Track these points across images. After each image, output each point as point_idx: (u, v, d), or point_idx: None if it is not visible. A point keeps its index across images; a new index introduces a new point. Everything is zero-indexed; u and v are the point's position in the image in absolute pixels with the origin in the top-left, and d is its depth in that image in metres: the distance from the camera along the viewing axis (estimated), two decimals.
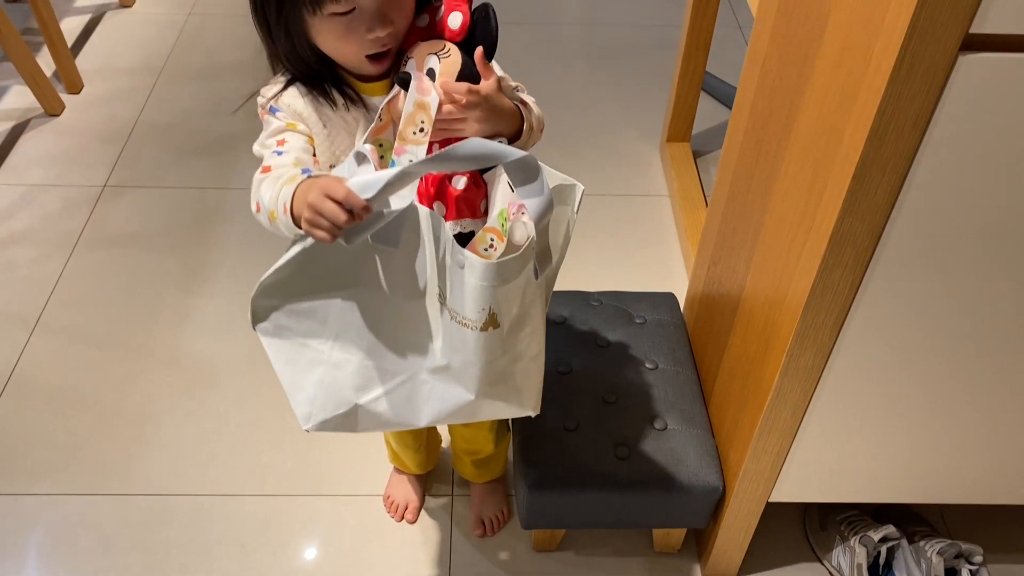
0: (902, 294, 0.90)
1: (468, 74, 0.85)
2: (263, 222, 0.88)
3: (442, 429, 1.43)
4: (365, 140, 0.85)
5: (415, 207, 0.82)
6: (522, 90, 0.95)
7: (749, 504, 1.17)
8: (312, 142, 0.91)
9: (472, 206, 0.92)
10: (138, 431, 1.49)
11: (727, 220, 1.22)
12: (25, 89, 2.10)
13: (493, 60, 0.88)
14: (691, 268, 1.60)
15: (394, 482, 1.39)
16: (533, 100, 0.93)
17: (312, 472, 1.44)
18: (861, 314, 0.91)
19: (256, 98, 0.94)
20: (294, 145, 0.90)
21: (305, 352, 0.91)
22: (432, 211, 0.82)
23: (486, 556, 1.34)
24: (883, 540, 1.23)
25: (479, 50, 0.84)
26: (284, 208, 0.82)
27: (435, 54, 0.85)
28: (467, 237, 0.91)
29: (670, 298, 1.40)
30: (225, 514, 1.38)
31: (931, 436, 1.07)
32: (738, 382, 1.13)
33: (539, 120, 0.93)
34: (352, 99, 0.90)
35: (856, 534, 1.26)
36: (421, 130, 0.82)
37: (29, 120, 2.11)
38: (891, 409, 1.03)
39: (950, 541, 1.20)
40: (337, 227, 0.76)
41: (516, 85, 0.95)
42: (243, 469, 1.44)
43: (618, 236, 1.86)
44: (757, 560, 1.31)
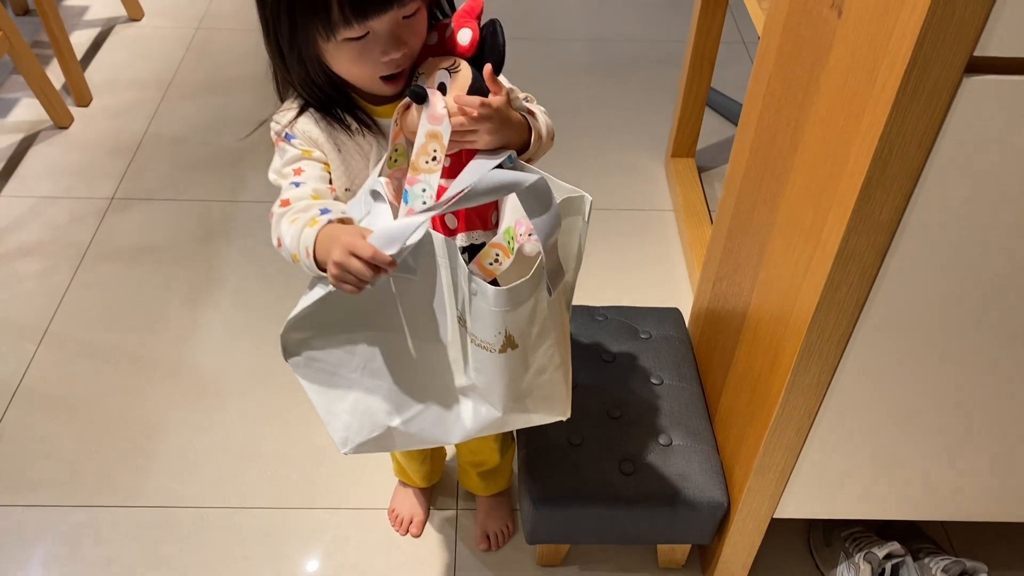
0: (907, 312, 0.90)
1: (478, 88, 0.86)
2: (284, 257, 0.89)
3: None
4: (380, 172, 0.86)
5: (430, 235, 0.84)
6: (531, 100, 0.96)
7: (754, 520, 1.17)
8: (328, 168, 0.92)
9: (483, 218, 0.93)
10: (143, 443, 1.49)
11: (732, 237, 1.23)
12: (35, 101, 2.12)
13: (501, 74, 0.89)
14: (696, 283, 1.60)
15: (399, 495, 1.40)
16: (542, 109, 0.94)
17: (317, 485, 1.44)
18: (866, 332, 0.92)
19: (269, 123, 0.94)
20: (311, 175, 0.90)
21: (337, 380, 0.94)
22: (447, 238, 0.84)
23: (490, 570, 1.34)
24: (888, 557, 1.23)
25: (488, 66, 0.85)
26: (307, 252, 0.84)
27: (446, 69, 0.86)
28: (479, 249, 0.92)
29: (675, 313, 1.40)
30: (229, 527, 1.38)
31: (936, 453, 1.07)
32: (743, 398, 1.14)
33: (548, 129, 0.93)
34: (365, 123, 0.91)
35: (861, 551, 1.25)
36: (434, 159, 0.83)
37: (38, 132, 2.13)
38: (896, 426, 1.03)
39: (955, 558, 1.20)
40: (364, 283, 0.79)
41: (526, 96, 0.96)
42: (247, 482, 1.44)
43: (623, 251, 1.86)
44: None
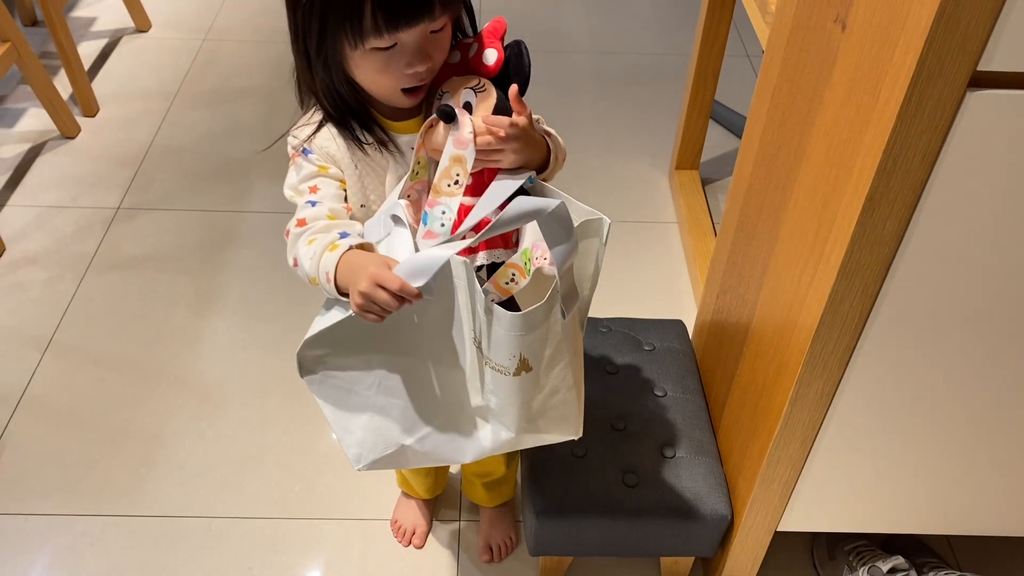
0: (911, 325, 0.90)
1: (502, 108, 0.87)
2: (301, 277, 0.90)
3: None
4: (400, 195, 0.87)
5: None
6: (543, 122, 0.97)
7: (757, 533, 1.17)
8: (344, 185, 0.93)
9: (505, 237, 0.94)
10: (147, 453, 1.49)
11: (736, 249, 1.23)
12: (42, 111, 2.13)
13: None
14: (699, 295, 1.61)
15: (402, 506, 1.40)
16: (554, 132, 0.95)
17: (320, 496, 1.44)
18: (870, 344, 0.92)
19: (287, 137, 0.95)
20: (327, 193, 0.91)
21: (352, 398, 0.94)
22: (465, 260, 0.84)
23: None
24: (892, 571, 1.22)
25: (514, 87, 0.85)
26: (327, 278, 0.85)
27: (472, 88, 0.87)
28: (498, 267, 0.93)
29: (679, 325, 1.40)
30: (233, 537, 1.38)
31: (940, 467, 1.07)
32: (747, 411, 1.14)
33: (563, 151, 0.95)
34: (382, 139, 0.92)
35: (864, 564, 1.25)
36: (456, 182, 0.84)
37: (45, 142, 2.14)
38: (900, 439, 1.03)
39: (959, 572, 1.19)
40: (388, 313, 0.81)
41: (537, 118, 0.96)
42: (252, 492, 1.44)
43: (627, 262, 1.86)
44: None
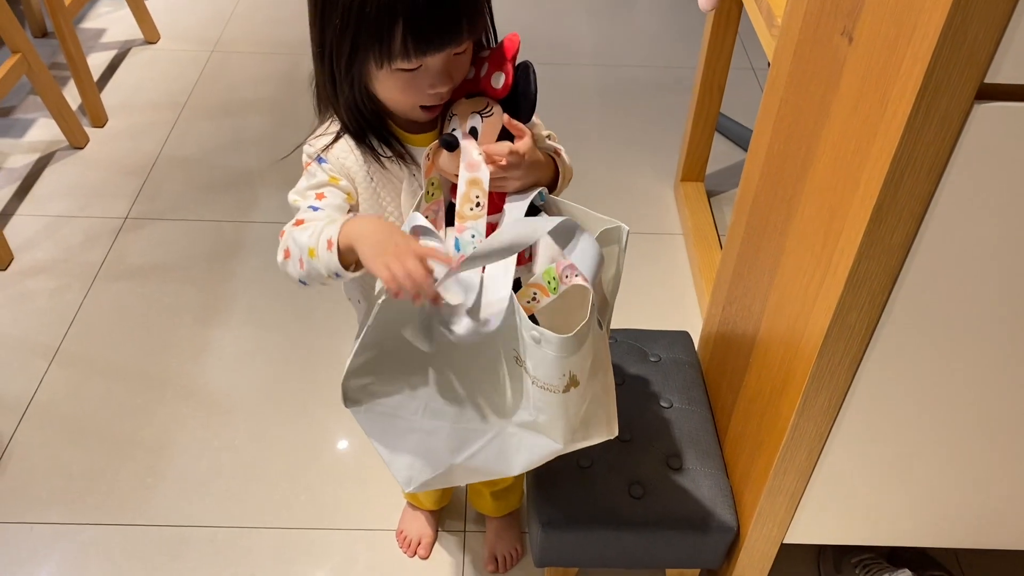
0: (918, 336, 0.90)
1: (508, 132, 0.88)
2: (291, 270, 0.90)
3: None
4: (417, 207, 0.88)
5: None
6: (553, 138, 0.98)
7: (763, 545, 1.17)
8: (351, 199, 0.93)
9: (519, 253, 0.94)
10: (153, 462, 1.50)
11: (742, 260, 1.23)
12: (51, 122, 2.15)
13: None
14: (705, 306, 1.61)
15: (408, 517, 1.40)
16: (562, 148, 0.97)
17: (326, 506, 1.44)
18: (877, 356, 0.92)
19: (303, 147, 0.95)
20: (331, 202, 0.91)
21: (397, 423, 0.95)
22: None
23: None
24: None
25: (505, 116, 0.87)
26: (328, 244, 0.84)
27: (478, 112, 0.88)
28: (516, 284, 0.93)
29: (684, 336, 1.40)
30: (239, 547, 1.38)
31: (947, 479, 1.06)
32: (753, 422, 1.13)
33: (569, 170, 0.97)
34: (399, 152, 0.92)
35: None
36: (477, 204, 0.85)
37: (54, 152, 2.15)
38: (907, 451, 1.03)
39: None
40: (418, 284, 0.78)
41: (548, 133, 0.97)
42: (257, 502, 1.44)
43: (632, 273, 1.86)
44: None
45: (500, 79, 0.87)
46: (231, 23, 2.69)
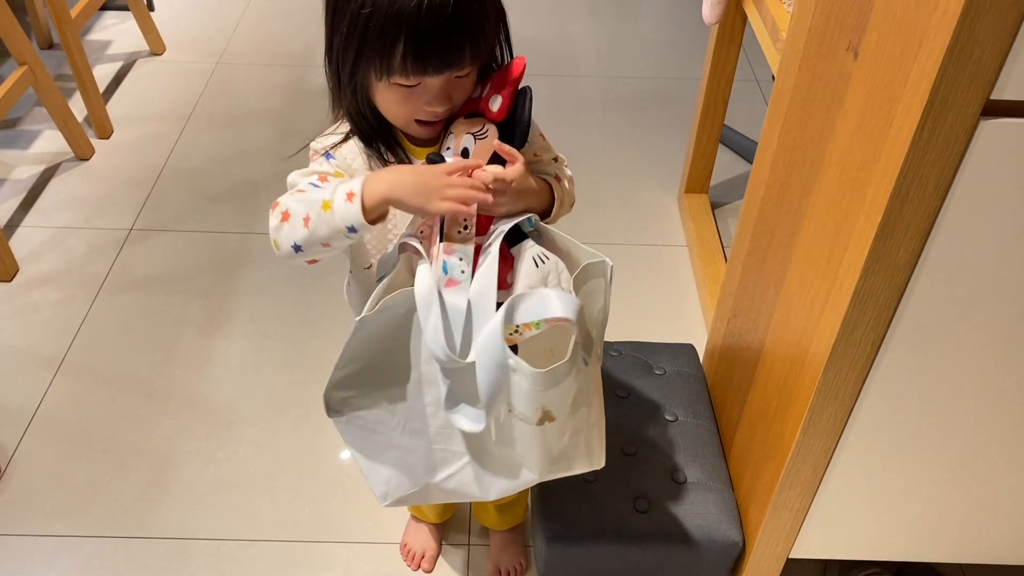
0: (925, 351, 0.90)
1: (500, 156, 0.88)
2: (285, 235, 0.90)
3: None
4: (415, 230, 0.88)
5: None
6: (561, 161, 0.97)
7: (769, 560, 1.16)
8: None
9: (500, 278, 0.94)
10: (157, 474, 1.49)
11: (747, 274, 1.23)
12: (57, 133, 2.15)
13: (532, 127, 0.91)
14: (710, 319, 1.61)
15: (411, 530, 1.39)
16: (570, 175, 0.97)
17: (329, 519, 1.44)
18: (883, 371, 0.92)
19: (311, 143, 0.97)
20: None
21: (377, 438, 0.95)
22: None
23: None
24: None
25: (496, 142, 0.87)
26: (348, 195, 0.83)
27: (472, 134, 0.88)
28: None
29: (689, 349, 1.40)
30: (242, 559, 1.38)
31: (954, 494, 1.06)
32: (758, 436, 1.13)
33: (570, 197, 0.96)
34: (403, 161, 0.93)
35: None
36: (465, 227, 0.86)
37: (60, 164, 2.16)
38: (913, 466, 1.03)
39: None
40: (479, 200, 0.82)
41: (556, 156, 0.97)
42: (260, 514, 1.44)
43: (636, 286, 1.86)
44: None
45: (497, 102, 0.87)
46: (236, 35, 2.70)
